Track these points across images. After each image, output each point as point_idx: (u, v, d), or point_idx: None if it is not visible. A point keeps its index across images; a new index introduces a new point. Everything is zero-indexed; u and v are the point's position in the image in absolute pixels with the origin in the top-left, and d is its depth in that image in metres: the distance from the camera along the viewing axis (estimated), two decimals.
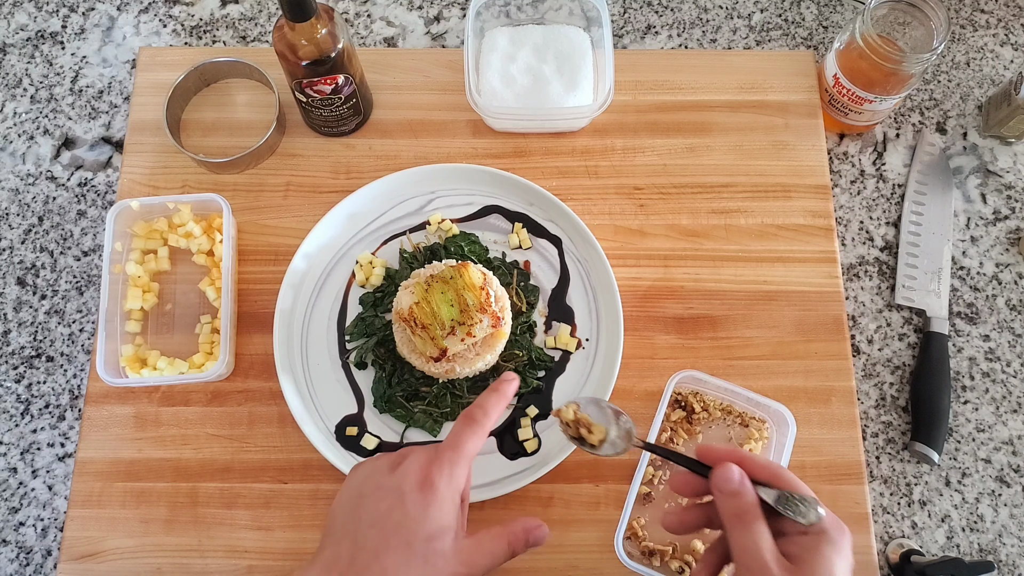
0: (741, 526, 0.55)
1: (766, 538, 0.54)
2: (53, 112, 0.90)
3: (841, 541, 0.54)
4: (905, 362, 0.82)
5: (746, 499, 0.55)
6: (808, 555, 0.53)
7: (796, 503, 0.55)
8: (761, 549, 0.54)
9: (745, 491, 0.55)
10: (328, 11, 0.74)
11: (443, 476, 0.56)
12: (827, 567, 0.53)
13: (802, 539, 0.54)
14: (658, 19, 0.95)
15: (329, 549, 0.56)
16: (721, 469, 0.56)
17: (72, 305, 0.84)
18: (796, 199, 0.85)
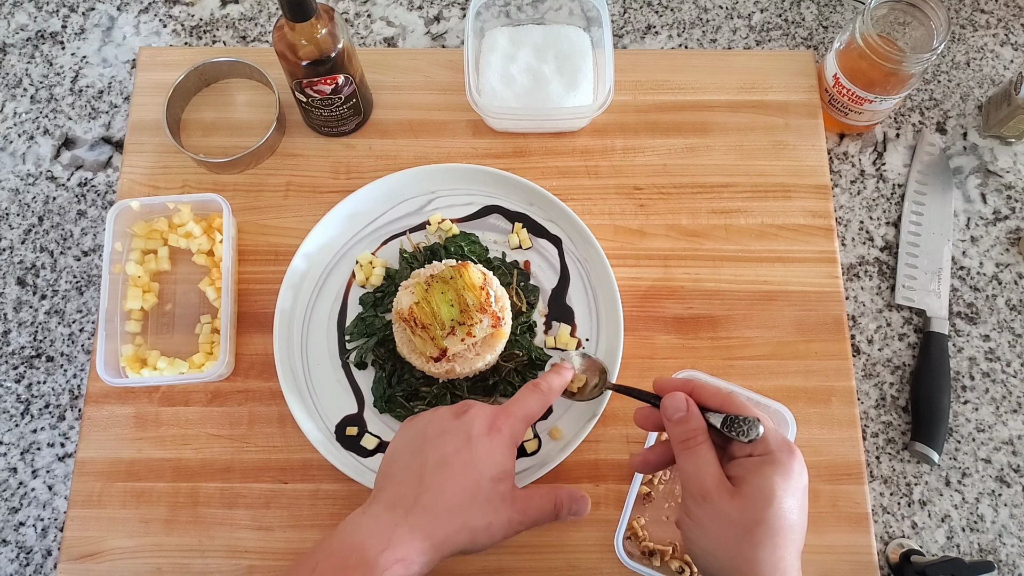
0: (686, 451, 0.56)
1: (709, 461, 0.55)
2: (53, 112, 0.90)
3: (787, 462, 0.55)
4: (905, 362, 0.82)
5: (691, 425, 0.57)
6: (749, 475, 0.54)
7: (740, 423, 0.56)
8: (703, 473, 0.55)
9: (691, 417, 0.57)
10: (328, 11, 0.74)
11: (508, 425, 0.59)
12: (767, 486, 0.53)
13: (747, 461, 0.56)
14: (658, 19, 0.95)
15: (391, 489, 0.57)
16: (668, 398, 0.58)
17: (72, 305, 0.84)
18: (796, 199, 0.85)
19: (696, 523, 0.55)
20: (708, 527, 0.54)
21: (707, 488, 0.54)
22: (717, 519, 0.54)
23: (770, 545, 0.53)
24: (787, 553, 0.53)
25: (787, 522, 0.53)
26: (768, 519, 0.52)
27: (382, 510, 0.56)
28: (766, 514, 0.53)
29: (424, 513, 0.55)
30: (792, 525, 0.53)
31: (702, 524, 0.55)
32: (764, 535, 0.52)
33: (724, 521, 0.54)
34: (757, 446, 0.56)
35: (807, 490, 0.56)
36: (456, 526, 0.56)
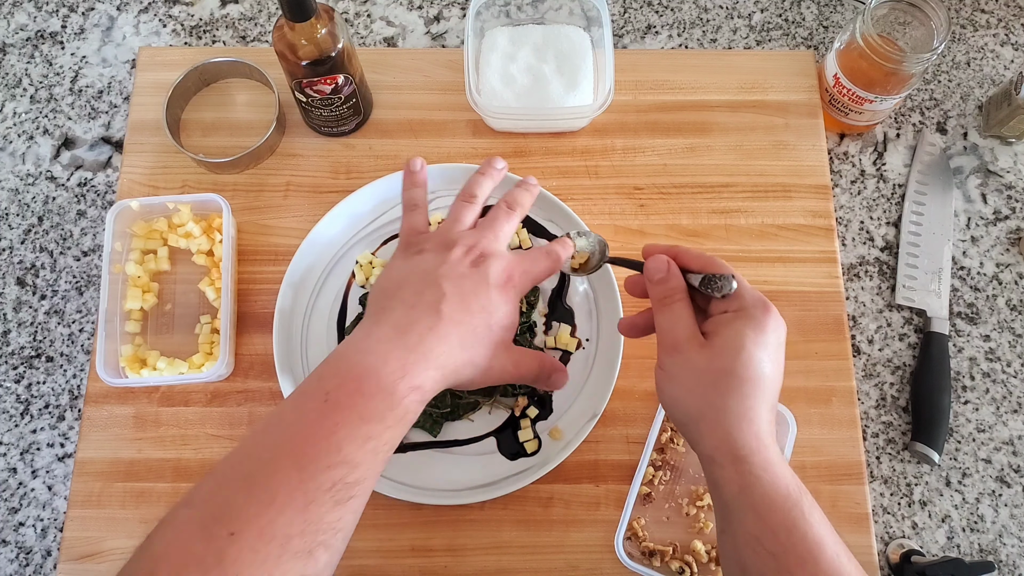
0: (662, 307, 0.58)
1: (683, 317, 0.57)
2: (53, 112, 0.90)
3: (760, 317, 0.55)
4: (905, 362, 0.82)
5: (670, 284, 0.58)
6: (721, 329, 0.55)
7: (715, 280, 0.56)
8: (677, 327, 0.56)
9: (671, 277, 0.58)
10: (328, 11, 0.74)
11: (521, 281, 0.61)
12: (737, 338, 0.54)
13: (721, 317, 0.56)
14: (658, 19, 0.95)
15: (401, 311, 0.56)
16: (651, 260, 0.59)
17: (72, 305, 0.83)
18: (796, 199, 0.85)
19: (667, 374, 0.56)
20: (678, 376, 0.55)
21: (679, 340, 0.55)
22: (687, 368, 0.55)
23: (738, 394, 0.53)
24: (756, 403, 0.53)
25: (756, 372, 0.53)
26: (736, 368, 0.53)
27: (392, 333, 0.54)
28: (734, 363, 0.53)
29: (438, 341, 0.55)
30: (762, 376, 0.53)
31: (673, 374, 0.56)
32: (732, 383, 0.53)
33: (694, 370, 0.54)
34: (732, 302, 0.56)
35: (783, 346, 0.56)
36: (465, 359, 0.57)
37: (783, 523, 0.52)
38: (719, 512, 0.55)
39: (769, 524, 0.52)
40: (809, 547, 0.51)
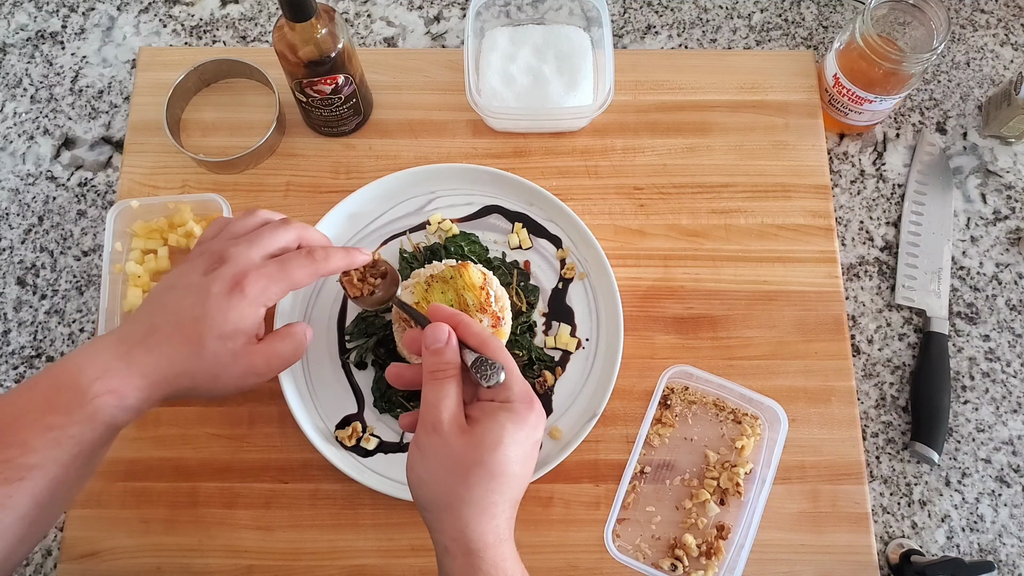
0: (433, 381, 0.57)
1: (451, 397, 0.56)
2: (53, 112, 0.90)
3: (523, 413, 0.55)
4: (905, 362, 0.82)
5: (445, 357, 0.57)
6: (484, 418, 0.55)
7: (486, 366, 0.56)
8: (441, 406, 0.56)
9: (447, 351, 0.57)
10: (328, 11, 0.74)
11: (256, 287, 0.59)
12: (496, 431, 0.54)
13: (487, 404, 0.56)
14: (658, 19, 0.95)
15: (127, 325, 0.58)
16: (432, 328, 0.58)
17: (72, 305, 0.84)
18: (796, 199, 0.85)
19: (422, 451, 0.56)
20: (431, 458, 0.55)
21: (441, 420, 0.55)
22: (442, 451, 0.54)
23: (484, 488, 0.53)
24: (499, 499, 0.54)
25: (507, 469, 0.54)
26: (488, 462, 0.53)
27: (109, 343, 0.57)
28: (489, 457, 0.53)
29: (146, 353, 0.56)
30: (512, 474, 0.54)
31: (426, 453, 0.55)
32: (480, 476, 0.53)
33: (447, 455, 0.54)
34: (500, 392, 0.56)
35: (538, 445, 0.57)
36: (175, 371, 0.57)
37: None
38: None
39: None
40: None
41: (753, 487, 0.75)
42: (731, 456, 0.76)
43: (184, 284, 0.59)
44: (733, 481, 0.75)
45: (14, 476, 0.51)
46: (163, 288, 0.60)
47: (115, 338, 0.57)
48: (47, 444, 0.52)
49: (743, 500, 0.75)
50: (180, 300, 0.58)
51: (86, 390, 0.54)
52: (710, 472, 0.76)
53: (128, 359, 0.56)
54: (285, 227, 0.63)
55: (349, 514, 0.75)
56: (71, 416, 0.53)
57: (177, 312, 0.58)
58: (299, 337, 0.64)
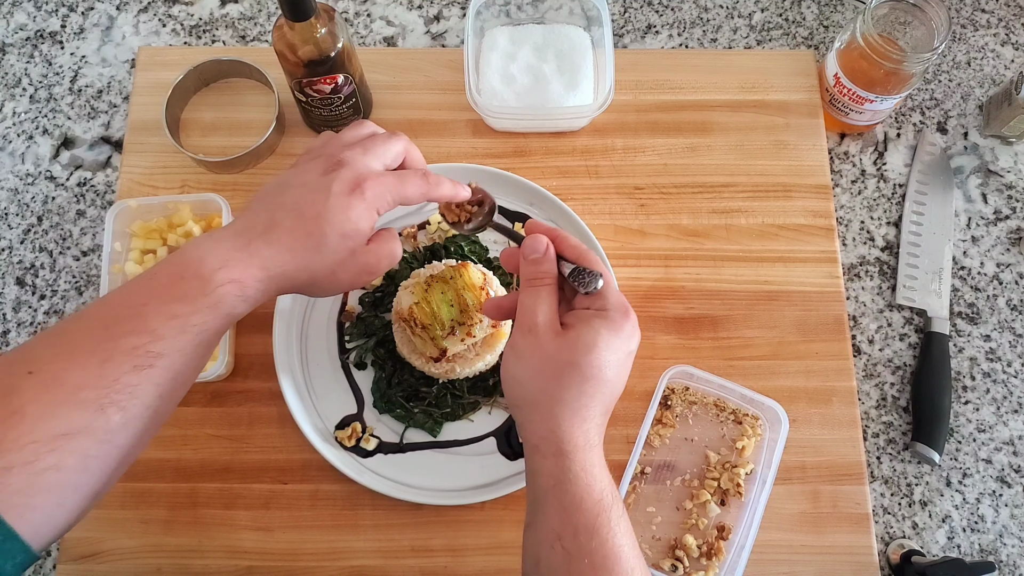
0: (529, 287, 0.57)
1: (548, 301, 0.56)
2: (52, 112, 0.90)
3: (619, 321, 0.55)
4: (906, 362, 0.82)
5: (543, 267, 0.57)
6: (579, 324, 0.55)
7: (583, 275, 0.56)
8: (537, 308, 0.56)
9: (545, 260, 0.58)
10: (328, 10, 0.74)
11: (374, 192, 0.58)
12: (590, 335, 0.54)
13: (582, 312, 0.56)
14: (658, 18, 0.95)
15: (243, 220, 0.58)
16: (530, 239, 0.58)
17: (71, 305, 0.83)
18: (797, 199, 0.85)
19: (516, 352, 0.56)
20: (525, 358, 0.55)
21: (536, 322, 0.55)
22: (536, 352, 0.55)
23: (576, 390, 0.53)
24: (591, 403, 0.54)
25: (600, 373, 0.54)
26: (582, 364, 0.53)
27: (228, 235, 0.57)
28: (582, 359, 0.53)
29: (267, 245, 0.56)
30: (605, 379, 0.54)
31: (521, 354, 0.55)
32: (574, 378, 0.53)
33: (541, 356, 0.54)
34: (595, 300, 0.56)
35: (632, 356, 0.57)
36: (297, 264, 0.57)
37: (586, 525, 0.52)
38: (530, 504, 0.56)
39: (572, 523, 0.52)
40: (605, 554, 0.52)
41: (754, 488, 0.75)
42: (732, 456, 0.76)
43: (302, 182, 0.59)
44: (734, 482, 0.75)
45: (143, 364, 0.51)
46: (278, 186, 0.60)
47: (233, 231, 0.57)
48: (172, 331, 0.52)
49: (744, 501, 0.75)
50: (300, 196, 0.58)
51: (209, 279, 0.53)
52: (711, 473, 0.76)
53: (249, 251, 0.55)
54: (395, 138, 0.63)
55: (349, 515, 0.75)
56: (195, 304, 0.53)
57: (298, 208, 0.57)
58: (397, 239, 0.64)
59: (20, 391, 0.47)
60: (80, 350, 0.50)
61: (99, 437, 0.49)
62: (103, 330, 0.51)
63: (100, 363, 0.49)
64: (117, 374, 0.50)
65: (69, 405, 0.48)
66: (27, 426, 0.47)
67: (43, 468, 0.47)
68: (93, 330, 0.51)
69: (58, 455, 0.47)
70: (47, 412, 0.47)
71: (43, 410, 0.47)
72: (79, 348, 0.50)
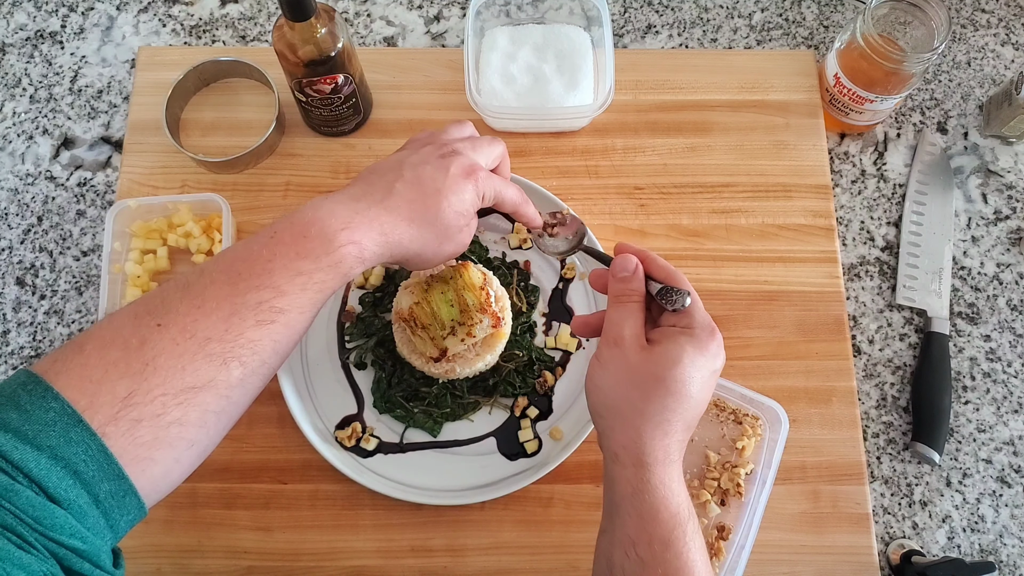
0: (617, 303, 0.58)
1: (633, 316, 0.57)
2: (52, 112, 0.90)
3: (705, 339, 0.56)
4: (906, 362, 0.82)
5: (632, 284, 0.58)
6: (665, 340, 0.56)
7: (671, 293, 0.57)
8: (624, 323, 0.57)
9: (634, 279, 0.59)
10: (328, 11, 0.74)
11: (484, 181, 0.61)
12: (676, 351, 0.54)
13: (668, 329, 0.57)
14: (658, 18, 0.95)
15: (359, 187, 0.60)
16: (620, 258, 0.60)
17: (71, 305, 0.83)
18: (797, 199, 0.85)
19: (601, 363, 0.57)
20: (610, 368, 0.56)
21: (623, 335, 0.56)
22: (621, 364, 0.55)
23: (660, 404, 0.54)
24: (674, 417, 0.54)
25: (684, 389, 0.54)
26: (666, 379, 0.54)
27: (346, 199, 0.58)
28: (667, 373, 0.54)
29: (386, 212, 0.58)
30: (689, 395, 0.54)
31: (606, 365, 0.56)
32: (658, 391, 0.54)
33: (627, 367, 0.55)
34: (682, 318, 0.57)
35: (717, 375, 0.57)
36: (412, 234, 0.59)
37: (662, 536, 0.53)
38: (606, 510, 0.56)
39: (648, 532, 0.53)
40: (679, 567, 0.52)
41: (754, 488, 0.75)
42: (732, 456, 0.76)
43: (421, 160, 0.61)
44: (734, 482, 0.75)
45: (266, 319, 0.51)
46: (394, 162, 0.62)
47: (350, 196, 0.58)
48: (295, 288, 0.53)
49: (744, 501, 0.74)
50: (419, 171, 0.60)
51: (332, 239, 0.54)
52: (711, 473, 0.76)
53: (368, 215, 0.57)
54: (497, 142, 0.66)
55: (349, 515, 0.75)
56: (319, 263, 0.54)
57: (417, 180, 0.59)
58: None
59: (150, 343, 0.48)
60: (208, 303, 0.50)
61: (220, 392, 0.50)
62: (229, 285, 0.52)
63: (227, 316, 0.50)
64: (242, 328, 0.50)
65: (197, 358, 0.49)
66: (159, 378, 0.47)
67: (169, 422, 0.47)
68: (219, 284, 0.52)
69: (183, 409, 0.48)
70: (178, 364, 0.48)
71: (174, 362, 0.48)
72: (207, 301, 0.51)
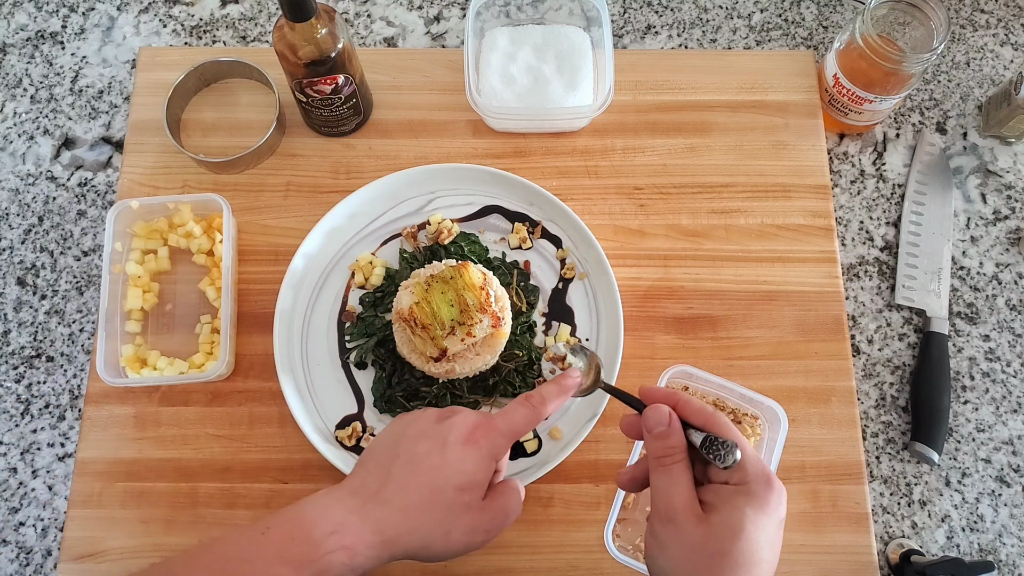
0: (661, 468, 0.54)
1: (683, 482, 0.53)
2: (53, 112, 0.90)
3: (763, 495, 0.52)
4: (905, 362, 0.82)
5: (671, 441, 0.54)
6: (722, 504, 0.52)
7: (719, 447, 0.53)
8: (673, 493, 0.53)
9: (671, 432, 0.55)
10: (328, 11, 0.74)
11: (488, 438, 0.57)
12: (737, 518, 0.51)
13: (722, 488, 0.53)
14: (658, 19, 0.95)
15: (359, 476, 0.57)
16: (651, 410, 0.56)
17: (72, 305, 0.83)
18: (796, 199, 0.85)
19: (659, 543, 0.53)
20: (670, 548, 0.52)
21: (675, 509, 0.52)
22: (681, 542, 0.52)
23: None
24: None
25: (754, 557, 0.50)
26: (733, 552, 0.50)
27: (344, 494, 0.56)
28: (732, 546, 0.50)
29: (381, 506, 0.55)
30: (759, 561, 0.51)
31: (665, 545, 0.53)
32: (726, 567, 0.50)
33: (688, 546, 0.51)
34: (734, 473, 0.53)
35: (783, 525, 0.53)
36: (409, 526, 0.55)
37: None
38: None
39: None
40: None
41: None
42: None
43: (417, 432, 0.58)
44: None
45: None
46: (392, 436, 0.59)
47: (349, 489, 0.56)
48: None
49: None
50: (415, 447, 0.57)
51: (320, 544, 0.53)
52: None
53: (363, 513, 0.55)
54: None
55: None
56: (301, 570, 0.52)
57: (413, 460, 0.56)
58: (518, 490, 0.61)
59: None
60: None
61: None
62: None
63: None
64: None
65: None
66: None
67: None
68: None
69: None
70: None
71: None
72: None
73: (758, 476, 0.52)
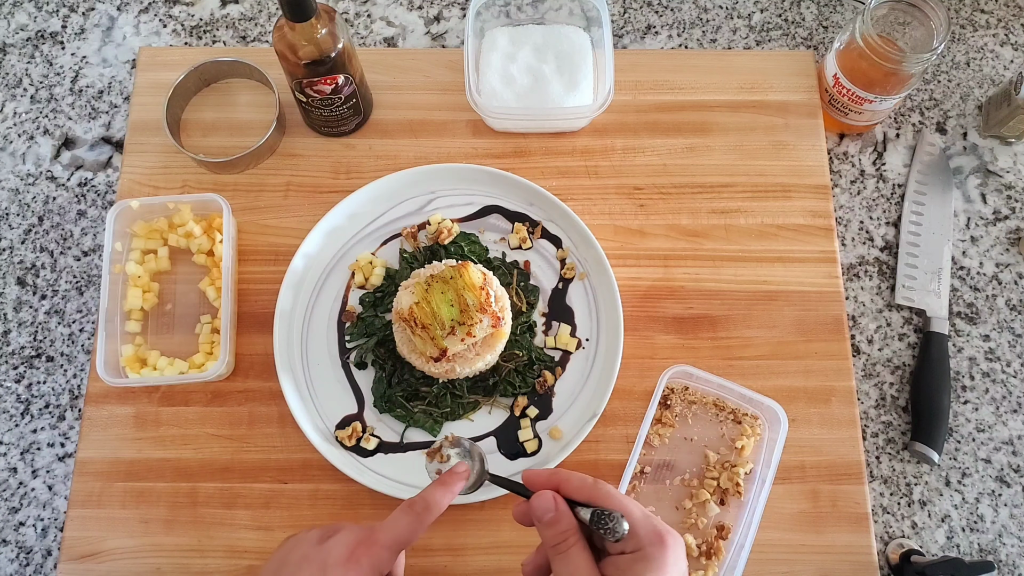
0: (558, 556, 0.54)
1: (582, 564, 0.53)
2: (53, 112, 0.90)
3: (659, 556, 0.52)
4: (905, 362, 0.82)
5: (561, 527, 0.54)
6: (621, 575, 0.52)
7: (606, 520, 0.53)
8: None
9: (560, 517, 0.55)
10: (328, 11, 0.74)
11: (369, 554, 0.56)
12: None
13: (620, 559, 0.53)
14: (658, 19, 0.95)
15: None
16: (537, 498, 0.55)
17: (72, 305, 0.83)
18: (796, 199, 0.85)
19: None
20: None
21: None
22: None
23: None
24: None
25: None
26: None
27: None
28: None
29: None
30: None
31: None
32: None
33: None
34: (628, 542, 0.53)
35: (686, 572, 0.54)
36: None
37: None
38: None
39: None
40: None
41: (753, 487, 0.75)
42: (731, 456, 0.76)
43: (299, 557, 0.57)
44: (733, 481, 0.75)
45: None
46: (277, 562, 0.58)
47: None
48: None
49: (743, 500, 0.75)
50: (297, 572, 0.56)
51: None
52: (710, 472, 0.76)
53: None
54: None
55: (349, 514, 0.75)
56: None
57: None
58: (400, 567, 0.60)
59: None
60: None
61: None
62: None
63: None
64: None
65: None
66: None
67: None
68: None
69: None
70: None
71: None
72: None
73: (651, 538, 0.53)
